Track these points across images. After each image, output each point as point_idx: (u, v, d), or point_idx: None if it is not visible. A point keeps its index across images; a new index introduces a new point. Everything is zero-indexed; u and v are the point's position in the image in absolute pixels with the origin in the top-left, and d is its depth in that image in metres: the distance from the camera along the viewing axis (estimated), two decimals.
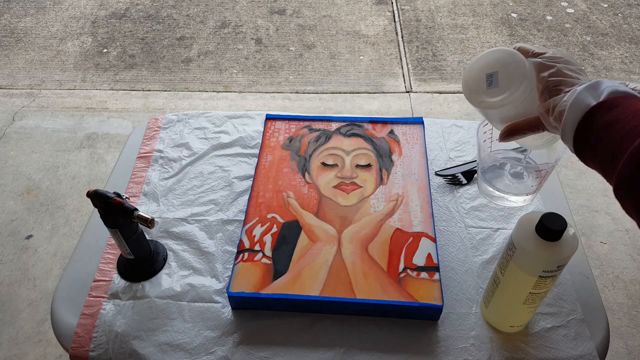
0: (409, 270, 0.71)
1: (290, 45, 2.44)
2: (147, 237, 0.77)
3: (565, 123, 0.46)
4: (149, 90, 2.22)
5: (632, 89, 0.48)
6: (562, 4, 2.68)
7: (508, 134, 0.56)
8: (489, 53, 0.56)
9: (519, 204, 0.75)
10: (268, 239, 0.76)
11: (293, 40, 2.47)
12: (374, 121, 0.94)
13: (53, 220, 1.68)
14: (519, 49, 0.56)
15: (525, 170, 0.72)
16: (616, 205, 0.48)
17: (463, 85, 0.59)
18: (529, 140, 0.61)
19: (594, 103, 0.44)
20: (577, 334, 0.67)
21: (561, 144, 0.61)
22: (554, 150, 0.69)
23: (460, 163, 0.90)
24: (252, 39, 2.47)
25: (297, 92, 2.20)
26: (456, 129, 0.97)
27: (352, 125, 0.94)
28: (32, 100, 2.17)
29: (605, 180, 0.46)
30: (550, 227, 0.54)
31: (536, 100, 0.54)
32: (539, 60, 0.53)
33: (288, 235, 0.76)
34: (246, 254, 0.74)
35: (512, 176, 0.74)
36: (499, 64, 0.55)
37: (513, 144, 0.70)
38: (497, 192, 0.74)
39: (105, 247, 0.79)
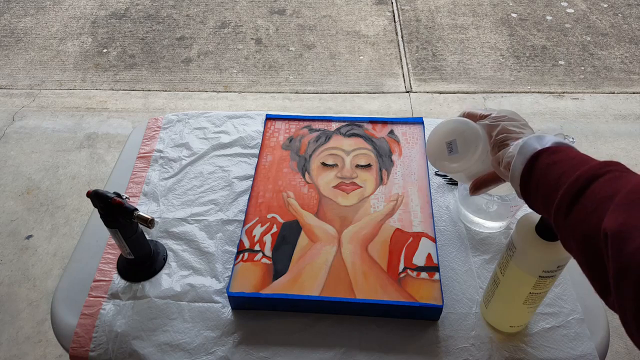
0: (409, 270, 0.71)
1: (290, 45, 2.44)
2: (147, 237, 0.77)
3: (514, 166, 0.51)
4: (149, 90, 2.22)
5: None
6: (562, 4, 2.68)
7: (476, 188, 0.62)
8: (445, 124, 0.63)
9: (494, 230, 0.79)
10: (268, 239, 0.76)
11: (293, 40, 2.47)
12: (374, 121, 0.94)
13: (53, 220, 1.68)
14: (467, 115, 0.62)
15: (502, 205, 0.78)
16: None
17: (427, 154, 0.65)
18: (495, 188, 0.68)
19: (539, 148, 0.50)
20: (577, 334, 0.67)
21: None
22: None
23: None
24: (252, 39, 2.47)
25: (297, 92, 2.20)
26: None
27: (352, 125, 0.93)
28: (32, 100, 2.17)
29: None
30: (551, 227, 0.54)
31: None
32: (486, 122, 0.59)
33: (288, 235, 0.76)
34: (246, 254, 0.73)
35: (489, 206, 0.79)
36: (455, 132, 0.61)
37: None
38: (475, 219, 0.79)
39: (105, 247, 0.79)
